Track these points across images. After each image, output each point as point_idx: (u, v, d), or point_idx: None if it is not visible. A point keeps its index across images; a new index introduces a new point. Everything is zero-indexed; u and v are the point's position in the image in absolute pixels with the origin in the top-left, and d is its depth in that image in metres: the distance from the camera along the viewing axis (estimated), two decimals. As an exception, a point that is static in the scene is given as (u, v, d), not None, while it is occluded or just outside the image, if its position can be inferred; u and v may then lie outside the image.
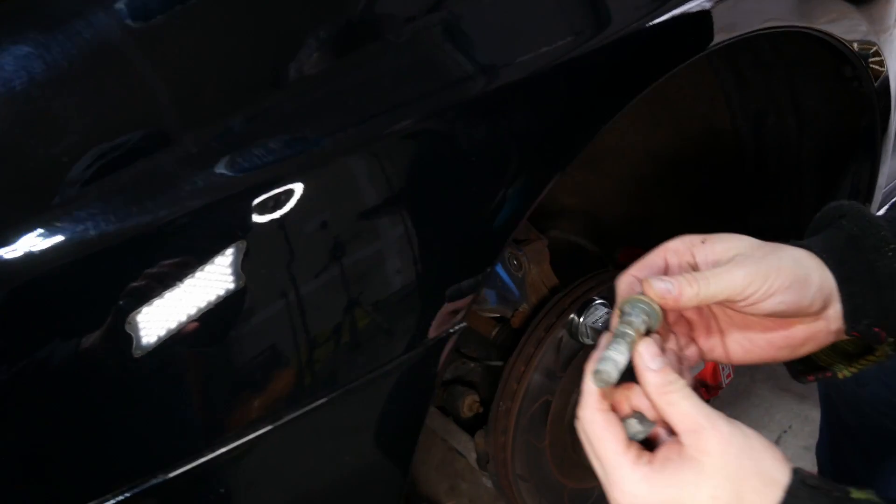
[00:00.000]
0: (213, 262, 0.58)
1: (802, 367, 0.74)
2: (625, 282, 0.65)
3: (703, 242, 0.65)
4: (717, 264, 0.63)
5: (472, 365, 1.25)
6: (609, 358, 0.58)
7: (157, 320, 0.57)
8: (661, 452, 0.59)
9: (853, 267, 0.64)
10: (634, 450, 0.59)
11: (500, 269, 1.17)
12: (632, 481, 0.57)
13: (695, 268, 0.65)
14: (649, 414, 0.60)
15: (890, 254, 0.64)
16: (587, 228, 1.54)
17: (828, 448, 1.29)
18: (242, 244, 0.59)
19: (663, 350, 0.62)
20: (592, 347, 0.63)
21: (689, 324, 0.70)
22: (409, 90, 0.66)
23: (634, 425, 0.60)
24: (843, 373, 0.71)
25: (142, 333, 0.56)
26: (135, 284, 0.56)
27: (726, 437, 0.56)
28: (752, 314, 0.63)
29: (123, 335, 0.56)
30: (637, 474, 0.57)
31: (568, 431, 1.17)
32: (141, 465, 0.59)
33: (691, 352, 0.69)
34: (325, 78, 0.64)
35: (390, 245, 0.67)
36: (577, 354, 1.13)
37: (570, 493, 1.22)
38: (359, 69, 0.65)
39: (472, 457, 1.21)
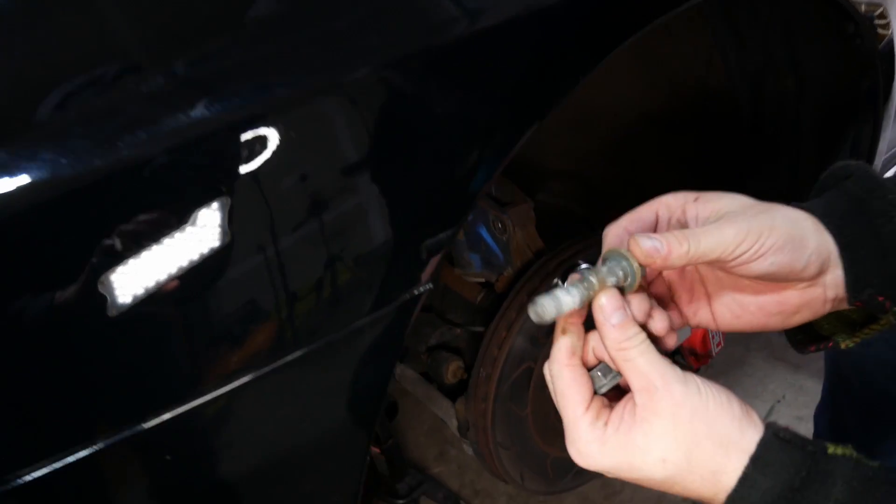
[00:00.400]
0: (166, 209, 0.56)
1: (803, 337, 0.70)
2: (613, 233, 0.62)
3: (695, 200, 0.62)
4: (706, 222, 0.60)
5: (458, 331, 1.23)
6: (556, 297, 0.55)
7: (130, 273, 0.56)
8: (617, 411, 0.58)
9: (856, 232, 0.60)
10: (595, 409, 0.59)
11: (484, 232, 1.15)
12: (586, 441, 0.58)
13: (684, 225, 0.62)
14: (613, 364, 0.59)
15: None
16: (577, 192, 1.51)
17: (828, 413, 1.26)
18: (197, 194, 0.57)
19: (649, 307, 0.60)
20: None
21: (669, 286, 0.67)
22: (377, 35, 0.63)
23: (600, 378, 0.60)
24: (846, 343, 0.68)
25: (117, 285, 0.55)
26: (105, 239, 0.54)
27: (678, 399, 0.55)
28: (743, 275, 0.59)
29: (102, 286, 0.55)
30: (592, 435, 0.58)
31: (551, 399, 1.15)
32: (118, 414, 0.59)
33: (674, 315, 0.66)
34: (285, 23, 0.61)
35: (356, 199, 0.65)
36: (562, 320, 1.11)
37: (552, 462, 1.21)
38: (321, 14, 0.62)
39: (454, 424, 1.19)
